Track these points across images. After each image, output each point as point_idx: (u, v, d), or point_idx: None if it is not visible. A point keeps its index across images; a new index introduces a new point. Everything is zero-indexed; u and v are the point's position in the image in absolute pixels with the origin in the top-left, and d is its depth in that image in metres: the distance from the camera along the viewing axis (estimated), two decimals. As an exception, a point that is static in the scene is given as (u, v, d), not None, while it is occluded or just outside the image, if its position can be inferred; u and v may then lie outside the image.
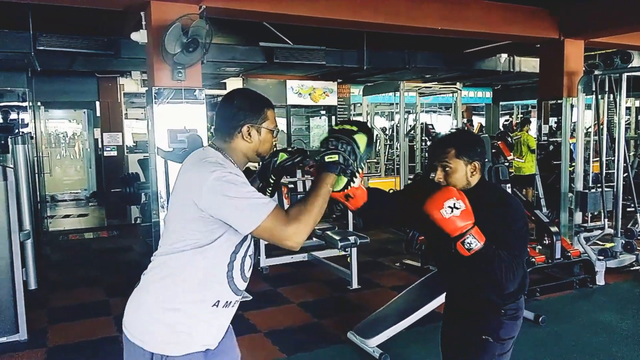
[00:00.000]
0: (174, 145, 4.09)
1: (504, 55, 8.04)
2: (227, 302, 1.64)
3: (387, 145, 11.42)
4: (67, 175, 10.44)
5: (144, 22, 4.10)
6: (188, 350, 1.59)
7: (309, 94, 10.43)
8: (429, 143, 7.71)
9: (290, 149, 1.85)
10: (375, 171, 10.54)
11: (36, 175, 6.64)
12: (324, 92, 10.50)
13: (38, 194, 6.69)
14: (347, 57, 6.87)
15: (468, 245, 1.74)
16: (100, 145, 8.82)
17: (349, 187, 1.72)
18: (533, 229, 6.13)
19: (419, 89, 9.00)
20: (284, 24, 6.20)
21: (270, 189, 1.83)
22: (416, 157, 9.44)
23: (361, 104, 10.34)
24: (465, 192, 1.81)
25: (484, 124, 13.53)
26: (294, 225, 1.48)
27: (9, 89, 7.17)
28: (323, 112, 11.45)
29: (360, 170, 1.66)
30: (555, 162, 6.67)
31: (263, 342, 3.89)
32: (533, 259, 4.79)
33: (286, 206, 8.19)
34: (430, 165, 1.98)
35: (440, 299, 4.01)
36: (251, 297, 4.85)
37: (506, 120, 13.91)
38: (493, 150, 6.64)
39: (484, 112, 14.13)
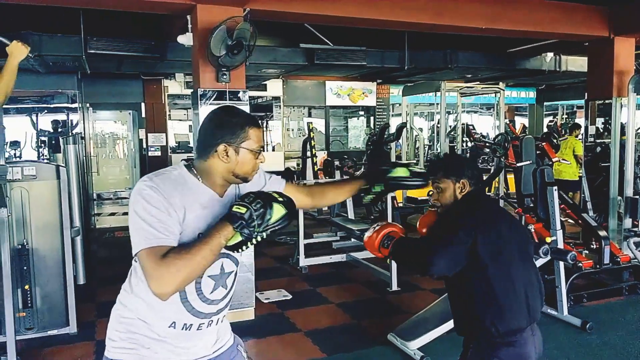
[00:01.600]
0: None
1: (550, 54, 7.83)
2: (185, 324, 1.56)
3: (427, 146, 11.30)
4: (113, 174, 10.77)
5: (189, 25, 4.18)
6: None
7: (348, 95, 10.43)
8: (469, 144, 7.57)
9: (410, 169, 1.94)
10: (414, 172, 10.42)
11: (85, 174, 6.88)
12: (363, 93, 10.49)
13: (87, 192, 6.93)
14: (388, 57, 6.83)
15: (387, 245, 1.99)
16: (144, 146, 9.07)
17: (240, 250, 1.51)
18: (579, 233, 5.95)
19: (460, 89, 8.87)
20: (323, 25, 6.23)
21: (372, 196, 1.89)
22: (457, 158, 9.29)
23: (400, 104, 10.27)
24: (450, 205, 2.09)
25: (527, 125, 13.21)
26: (162, 270, 1.36)
27: (60, 90, 7.46)
28: (361, 112, 11.43)
29: (258, 239, 1.47)
30: (603, 164, 6.44)
31: (304, 342, 3.91)
32: (580, 264, 4.64)
33: (324, 207, 8.15)
34: None
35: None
36: (291, 296, 4.89)
37: (550, 121, 13.53)
38: (537, 152, 6.48)
39: (527, 113, 13.79)
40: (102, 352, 1.58)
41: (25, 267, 3.82)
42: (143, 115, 9.02)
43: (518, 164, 5.52)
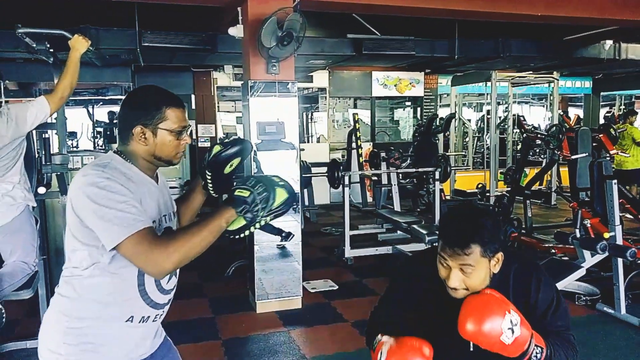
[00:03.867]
0: (262, 137, 4.22)
1: (609, 42, 7.46)
2: (142, 317, 1.51)
3: (476, 138, 11.05)
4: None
5: (240, 17, 4.23)
6: None
7: (395, 85, 10.31)
8: (524, 136, 7.35)
9: (226, 140, 1.63)
10: (462, 164, 10.24)
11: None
12: (410, 83, 10.34)
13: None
14: (438, 46, 6.69)
15: (535, 357, 1.45)
16: (194, 137, 9.28)
17: (242, 235, 1.46)
18: (639, 229, 5.69)
19: (512, 79, 8.61)
20: (371, 15, 6.16)
21: (211, 185, 1.62)
22: (507, 150, 9.06)
23: (448, 95, 10.08)
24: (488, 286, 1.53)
25: (581, 116, 12.70)
26: (160, 249, 1.32)
27: (115, 83, 7.72)
28: (408, 103, 11.28)
29: (261, 223, 1.44)
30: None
31: (351, 332, 3.92)
32: (640, 261, 4.44)
33: (369, 199, 8.12)
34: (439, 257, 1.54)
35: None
36: (337, 287, 4.91)
37: (607, 112, 12.94)
38: (594, 144, 6.22)
39: (581, 104, 13.24)
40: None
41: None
42: (193, 106, 9.22)
43: (573, 157, 5.33)
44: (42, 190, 3.46)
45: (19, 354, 3.47)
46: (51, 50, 4.40)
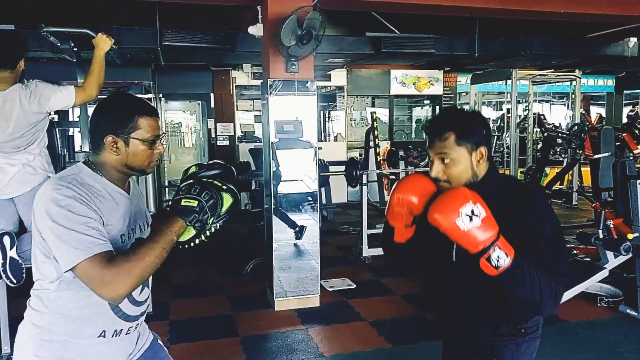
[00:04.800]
0: (280, 136, 4.23)
1: (633, 39, 7.32)
2: (115, 330, 1.48)
3: (495, 137, 10.94)
4: (182, 163, 11.20)
5: (260, 16, 4.25)
6: None
7: (413, 84, 10.26)
8: (545, 135, 7.25)
9: (205, 163, 1.60)
10: (481, 163, 10.13)
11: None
12: (429, 81, 10.28)
13: (160, 179, 7.25)
14: (458, 44, 6.64)
15: (496, 261, 1.38)
16: (213, 135, 9.36)
17: (191, 244, 1.44)
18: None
19: (532, 77, 8.50)
20: (390, 13, 6.14)
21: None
22: (527, 149, 8.95)
23: (467, 93, 9.99)
24: (470, 188, 1.46)
25: (603, 115, 12.48)
26: (112, 272, 1.28)
27: (135, 82, 7.82)
28: (427, 101, 11.22)
29: (211, 230, 1.43)
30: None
31: (369, 331, 3.92)
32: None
33: (387, 198, 8.09)
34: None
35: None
36: (355, 286, 4.91)
37: (631, 111, 12.69)
38: (617, 144, 6.12)
39: (603, 102, 13.01)
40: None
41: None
42: (212, 105, 9.30)
43: (596, 156, 5.25)
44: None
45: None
46: (75, 49, 4.47)
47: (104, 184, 1.45)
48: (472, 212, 1.37)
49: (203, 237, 1.43)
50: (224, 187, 1.45)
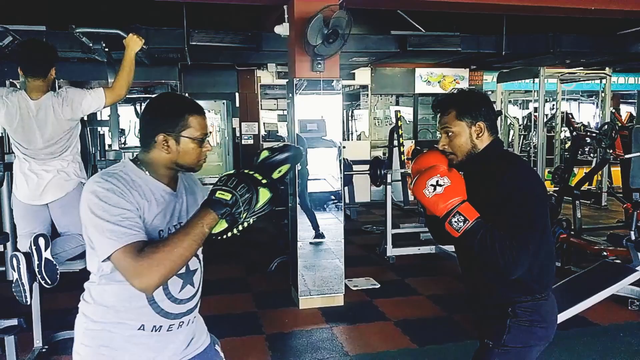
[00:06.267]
0: (304, 135, 4.25)
1: (667, 36, 7.11)
2: (154, 326, 1.50)
3: (522, 136, 10.78)
4: (207, 161, 11.30)
5: (286, 16, 4.27)
6: None
7: (438, 82, 10.17)
8: (574, 134, 7.11)
9: (276, 146, 1.56)
10: (507, 163, 10.00)
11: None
12: (455, 80, 10.17)
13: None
14: (484, 42, 6.54)
15: (456, 224, 1.63)
16: (237, 134, 9.43)
17: (224, 237, 1.43)
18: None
19: (561, 75, 8.34)
20: (415, 11, 6.09)
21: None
22: (555, 149, 8.80)
23: (493, 92, 9.86)
24: (472, 158, 1.76)
25: (634, 114, 12.18)
26: (143, 262, 1.31)
27: (163, 81, 7.92)
28: (452, 100, 11.11)
29: (244, 225, 1.41)
30: None
31: (394, 332, 3.91)
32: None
33: (410, 197, 7.98)
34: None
35: (586, 303, 3.73)
36: (379, 285, 4.90)
37: (663, 109, 12.36)
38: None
39: (634, 101, 12.70)
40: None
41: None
42: (237, 104, 9.37)
43: (627, 156, 5.13)
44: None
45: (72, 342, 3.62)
46: (106, 49, 4.55)
47: (146, 179, 1.49)
48: (437, 182, 1.65)
49: (235, 231, 1.42)
50: (264, 180, 1.41)
